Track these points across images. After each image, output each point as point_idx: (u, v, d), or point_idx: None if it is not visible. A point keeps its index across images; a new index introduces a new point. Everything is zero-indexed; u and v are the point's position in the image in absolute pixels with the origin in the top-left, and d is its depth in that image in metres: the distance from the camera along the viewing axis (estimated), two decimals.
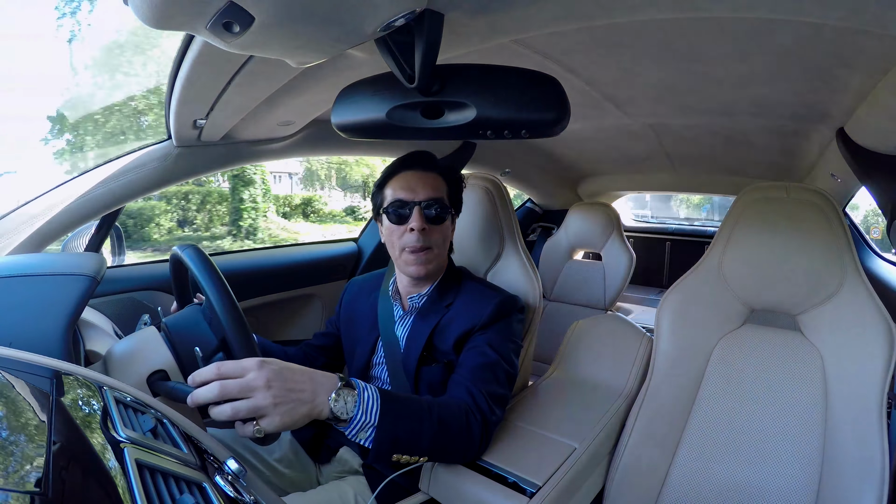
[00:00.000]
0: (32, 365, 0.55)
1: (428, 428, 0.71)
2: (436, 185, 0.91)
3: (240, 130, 1.08)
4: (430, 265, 0.89)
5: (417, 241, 0.86)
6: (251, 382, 0.58)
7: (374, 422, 0.66)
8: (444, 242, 0.91)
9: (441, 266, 0.94)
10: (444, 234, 0.91)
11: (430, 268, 0.90)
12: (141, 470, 0.39)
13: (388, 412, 0.67)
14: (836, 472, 0.80)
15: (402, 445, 0.69)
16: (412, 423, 0.70)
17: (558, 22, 0.63)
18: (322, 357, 1.07)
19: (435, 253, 0.90)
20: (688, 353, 0.97)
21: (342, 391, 0.65)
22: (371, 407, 0.66)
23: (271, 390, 0.58)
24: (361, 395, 0.66)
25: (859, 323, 0.83)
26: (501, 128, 0.64)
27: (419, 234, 0.86)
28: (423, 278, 0.92)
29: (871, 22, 0.51)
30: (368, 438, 0.66)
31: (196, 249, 0.73)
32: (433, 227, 0.88)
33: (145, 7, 0.42)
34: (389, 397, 0.69)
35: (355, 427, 0.65)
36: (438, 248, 0.90)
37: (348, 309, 1.07)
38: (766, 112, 1.13)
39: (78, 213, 0.98)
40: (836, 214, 0.87)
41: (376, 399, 0.67)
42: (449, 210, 0.92)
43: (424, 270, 0.89)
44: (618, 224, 2.08)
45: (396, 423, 0.68)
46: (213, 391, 0.57)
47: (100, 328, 0.92)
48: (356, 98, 0.71)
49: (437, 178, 0.92)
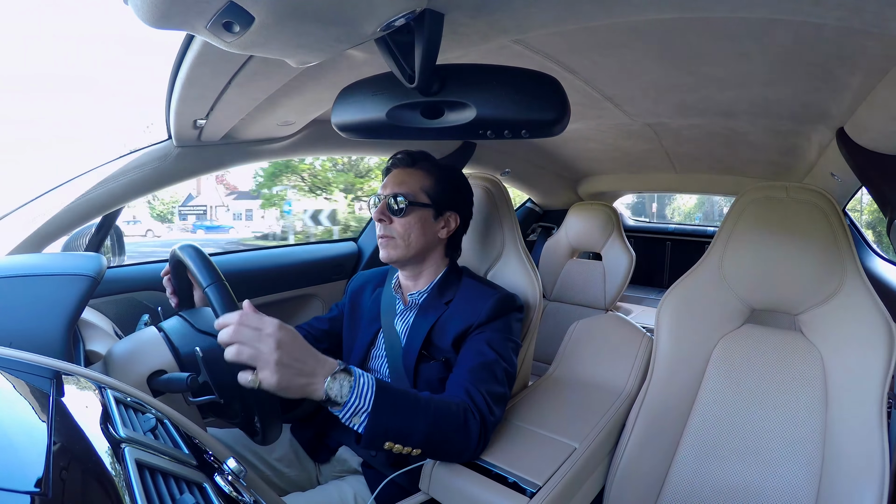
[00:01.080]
0: (32, 365, 0.55)
1: (422, 420, 0.72)
2: (407, 180, 0.95)
3: (240, 130, 1.08)
4: (392, 251, 0.95)
5: (379, 230, 0.95)
6: (263, 336, 0.62)
7: (368, 408, 0.67)
8: (406, 233, 0.94)
9: (410, 256, 0.96)
10: (405, 225, 0.94)
11: (392, 253, 0.95)
12: (141, 470, 0.39)
13: (382, 399, 0.69)
14: (835, 472, 0.80)
15: (395, 434, 0.69)
16: (406, 412, 0.71)
17: (558, 22, 0.63)
18: (325, 342, 1.08)
19: (397, 242, 0.94)
20: (688, 353, 0.97)
21: (339, 375, 0.67)
22: (366, 392, 0.68)
23: (279, 350, 0.61)
24: (358, 380, 0.68)
25: (859, 323, 0.83)
26: (501, 128, 0.64)
27: (380, 224, 0.94)
28: (393, 263, 0.98)
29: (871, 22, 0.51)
30: (361, 424, 0.68)
31: (195, 249, 0.73)
32: (394, 217, 0.94)
33: (145, 7, 0.42)
34: (384, 386, 0.70)
35: (349, 410, 0.67)
36: (401, 239, 0.94)
37: (353, 300, 1.09)
38: (766, 112, 1.13)
39: (78, 213, 0.98)
40: (836, 214, 0.87)
41: (371, 386, 0.69)
42: (417, 204, 0.94)
43: (386, 255, 0.96)
44: (618, 224, 2.08)
45: (390, 410, 0.69)
46: (228, 331, 0.62)
47: (100, 328, 0.92)
48: (356, 98, 0.71)
49: (413, 174, 0.96)
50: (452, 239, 1.01)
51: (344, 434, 0.98)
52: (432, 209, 0.95)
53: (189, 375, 0.67)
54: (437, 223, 0.97)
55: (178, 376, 0.68)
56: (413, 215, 0.93)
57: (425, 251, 0.97)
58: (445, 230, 0.98)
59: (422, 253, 0.96)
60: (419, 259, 0.98)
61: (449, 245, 1.01)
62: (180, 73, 0.75)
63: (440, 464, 0.79)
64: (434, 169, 0.98)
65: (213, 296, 0.66)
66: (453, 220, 0.99)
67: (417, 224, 0.94)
